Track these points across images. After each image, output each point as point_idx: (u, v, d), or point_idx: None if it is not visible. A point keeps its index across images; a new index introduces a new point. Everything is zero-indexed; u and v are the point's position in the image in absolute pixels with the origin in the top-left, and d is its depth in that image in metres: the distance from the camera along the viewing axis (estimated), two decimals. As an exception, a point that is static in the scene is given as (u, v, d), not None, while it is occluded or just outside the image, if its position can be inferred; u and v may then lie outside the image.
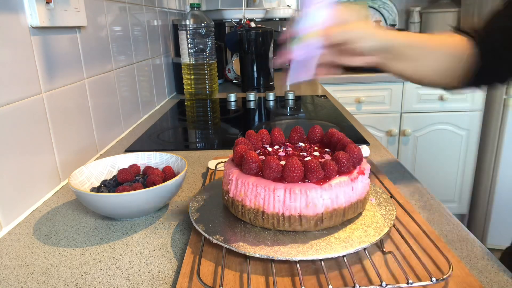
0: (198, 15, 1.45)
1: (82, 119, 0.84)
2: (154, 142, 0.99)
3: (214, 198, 0.59)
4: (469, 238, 0.53)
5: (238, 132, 1.09)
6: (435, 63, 0.68)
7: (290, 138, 0.62)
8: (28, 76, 0.66)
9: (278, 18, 1.96)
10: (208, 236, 0.48)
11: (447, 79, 0.69)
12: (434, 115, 2.08)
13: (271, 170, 0.48)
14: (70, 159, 0.78)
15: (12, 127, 0.61)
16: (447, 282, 0.41)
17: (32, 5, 0.66)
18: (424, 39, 0.67)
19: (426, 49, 0.67)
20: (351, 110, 2.04)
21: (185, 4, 2.01)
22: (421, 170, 2.15)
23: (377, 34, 0.62)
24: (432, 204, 0.63)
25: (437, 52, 0.68)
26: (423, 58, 0.67)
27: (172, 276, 0.47)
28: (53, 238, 0.56)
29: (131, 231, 0.58)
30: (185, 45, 1.46)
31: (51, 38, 0.73)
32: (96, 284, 0.46)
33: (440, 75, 0.69)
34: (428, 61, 0.68)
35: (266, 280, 0.43)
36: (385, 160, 0.83)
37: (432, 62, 0.68)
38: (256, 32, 1.54)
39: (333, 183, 0.48)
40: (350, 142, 0.54)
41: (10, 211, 0.60)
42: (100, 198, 0.55)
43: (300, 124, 1.13)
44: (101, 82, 0.93)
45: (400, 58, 0.65)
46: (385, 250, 0.47)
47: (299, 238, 0.47)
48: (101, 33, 0.95)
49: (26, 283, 0.47)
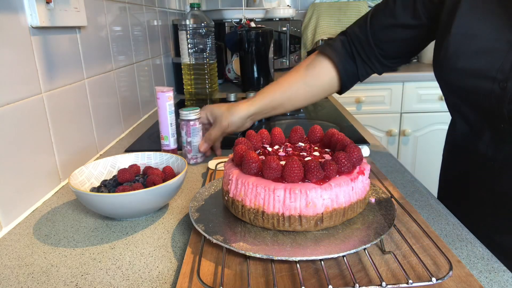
0: (198, 15, 1.44)
1: (82, 119, 0.84)
2: (154, 142, 0.99)
3: (214, 198, 0.59)
4: (469, 238, 0.53)
5: (238, 132, 1.09)
6: (304, 100, 0.85)
7: (290, 138, 0.62)
8: (28, 76, 0.66)
9: (278, 18, 1.96)
10: (208, 236, 0.48)
11: (324, 96, 0.87)
12: (434, 115, 2.08)
13: (271, 170, 0.48)
14: (70, 159, 0.78)
15: (12, 127, 0.61)
16: (447, 282, 0.41)
17: (32, 5, 0.66)
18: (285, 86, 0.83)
19: (290, 97, 0.83)
20: (351, 110, 2.04)
21: (185, 4, 2.01)
22: (421, 170, 2.14)
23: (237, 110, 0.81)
24: (432, 204, 0.63)
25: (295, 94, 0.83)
26: (290, 103, 0.84)
27: (172, 276, 0.47)
28: (53, 238, 0.56)
29: (131, 231, 0.58)
30: (185, 45, 1.46)
31: (51, 38, 0.73)
32: (96, 284, 0.46)
33: (313, 99, 0.87)
34: (296, 102, 0.85)
35: (266, 280, 0.43)
36: (385, 160, 0.83)
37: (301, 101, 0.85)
38: (256, 32, 1.54)
39: (333, 183, 0.48)
40: (350, 142, 0.54)
41: (10, 211, 0.60)
42: (100, 198, 0.55)
43: (300, 124, 1.12)
44: (101, 82, 0.93)
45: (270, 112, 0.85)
46: (385, 250, 0.47)
47: (299, 238, 0.47)
48: (101, 33, 0.95)
49: (26, 283, 0.47)
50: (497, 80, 0.57)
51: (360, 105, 2.08)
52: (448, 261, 0.43)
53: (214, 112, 0.82)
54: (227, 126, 0.81)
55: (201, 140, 0.81)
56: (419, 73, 2.05)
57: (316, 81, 0.83)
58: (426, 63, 2.38)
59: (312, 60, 0.84)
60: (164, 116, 0.79)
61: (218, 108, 0.82)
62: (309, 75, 0.83)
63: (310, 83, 0.83)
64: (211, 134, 0.81)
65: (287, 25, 1.96)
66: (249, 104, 0.81)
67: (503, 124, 0.59)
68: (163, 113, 0.79)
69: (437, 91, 2.05)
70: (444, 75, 0.66)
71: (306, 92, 0.84)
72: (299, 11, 2.47)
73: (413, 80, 2.03)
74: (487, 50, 0.58)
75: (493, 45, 0.58)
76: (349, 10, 2.35)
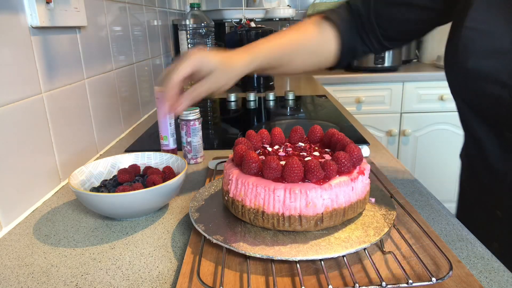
0: (198, 15, 1.44)
1: (82, 119, 0.84)
2: (154, 142, 0.99)
3: (214, 198, 0.59)
4: (469, 238, 0.53)
5: (238, 132, 1.09)
6: (302, 64, 0.75)
7: (290, 138, 0.62)
8: (28, 76, 0.66)
9: (278, 18, 1.96)
10: (208, 236, 0.48)
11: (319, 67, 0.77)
12: (434, 115, 2.08)
13: (271, 170, 0.48)
14: (70, 159, 0.78)
15: (12, 127, 0.61)
16: (447, 282, 0.41)
17: (32, 5, 0.66)
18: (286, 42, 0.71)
19: (291, 55, 0.71)
20: (351, 110, 2.04)
21: (185, 4, 2.01)
22: (421, 170, 2.14)
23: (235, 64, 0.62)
24: (432, 204, 0.63)
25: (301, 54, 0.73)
26: (289, 64, 0.72)
27: (172, 276, 0.47)
28: (53, 238, 0.56)
29: (131, 231, 0.58)
30: (185, 45, 1.46)
31: (51, 38, 0.73)
32: (96, 284, 0.46)
33: (310, 68, 0.76)
34: (295, 67, 0.74)
35: (266, 280, 0.43)
36: (385, 160, 0.83)
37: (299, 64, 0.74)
38: (256, 32, 1.54)
39: (333, 183, 0.48)
40: (350, 142, 0.54)
41: (10, 211, 0.60)
42: (100, 198, 0.55)
43: (300, 124, 1.12)
44: (101, 82, 0.93)
45: (269, 69, 0.70)
46: (385, 250, 0.47)
47: (299, 238, 0.47)
48: (101, 33, 0.95)
49: (26, 283, 0.47)
50: (507, 86, 0.52)
51: (360, 105, 2.07)
52: (448, 261, 0.43)
53: (205, 63, 0.60)
54: (222, 85, 0.62)
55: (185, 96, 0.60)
56: (419, 73, 2.05)
57: (320, 48, 0.74)
58: (426, 63, 2.38)
59: (318, 24, 0.74)
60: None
61: (210, 59, 0.60)
62: (315, 40, 0.73)
63: (315, 51, 0.74)
64: (199, 91, 0.60)
65: (287, 25, 1.96)
66: (250, 58, 0.65)
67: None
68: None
69: (437, 91, 2.05)
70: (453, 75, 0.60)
71: (309, 59, 0.74)
72: (299, 11, 2.47)
73: (413, 80, 2.04)
74: (499, 51, 0.52)
75: (507, 45, 0.52)
76: (349, 10, 2.34)
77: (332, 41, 0.73)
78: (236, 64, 0.62)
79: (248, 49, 0.66)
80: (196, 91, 0.60)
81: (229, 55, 0.63)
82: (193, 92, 0.60)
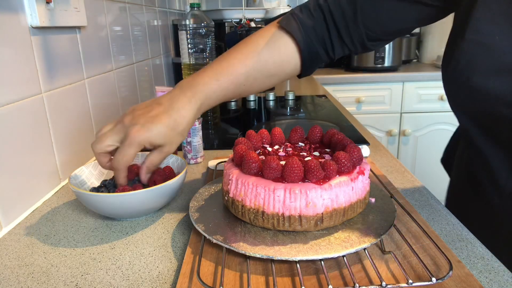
0: (198, 15, 1.45)
1: (82, 119, 0.84)
2: (154, 142, 0.99)
3: (214, 198, 0.59)
4: (469, 238, 0.53)
5: (238, 132, 1.09)
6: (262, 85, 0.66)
7: (290, 138, 0.62)
8: (28, 76, 0.66)
9: (278, 18, 1.95)
10: (208, 236, 0.48)
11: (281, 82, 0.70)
12: (434, 115, 2.08)
13: (271, 170, 0.48)
14: (70, 159, 0.78)
15: (12, 127, 0.61)
16: (447, 282, 0.41)
17: (32, 5, 0.66)
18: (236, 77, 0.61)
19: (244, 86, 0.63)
20: (351, 110, 2.04)
21: (185, 4, 2.01)
22: (421, 170, 2.14)
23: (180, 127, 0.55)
24: (432, 204, 0.63)
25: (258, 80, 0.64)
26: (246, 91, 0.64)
27: (172, 276, 0.47)
28: (53, 238, 0.56)
29: (131, 231, 0.58)
30: (185, 45, 1.46)
31: (51, 38, 0.73)
32: (96, 284, 0.46)
33: (271, 86, 0.69)
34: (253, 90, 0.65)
35: (266, 280, 0.43)
36: (385, 160, 0.83)
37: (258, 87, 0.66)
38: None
39: (333, 183, 0.48)
40: (350, 142, 0.54)
41: (10, 211, 0.60)
42: (100, 198, 0.55)
43: (300, 124, 1.13)
44: (101, 82, 0.93)
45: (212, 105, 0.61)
46: (385, 250, 0.47)
47: (299, 238, 0.47)
48: (101, 33, 0.95)
49: (26, 283, 0.47)
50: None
51: (360, 105, 2.08)
52: (448, 261, 0.43)
53: (154, 141, 0.54)
54: (176, 146, 0.57)
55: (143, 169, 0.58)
56: (419, 73, 2.05)
57: (280, 69, 0.65)
58: (426, 63, 2.38)
59: (274, 41, 0.64)
60: None
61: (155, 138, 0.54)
62: (271, 64, 0.64)
63: (274, 73, 0.65)
64: (155, 163, 0.58)
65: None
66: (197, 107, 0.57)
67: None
68: None
69: (437, 91, 2.05)
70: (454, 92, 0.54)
71: (268, 81, 0.66)
72: (299, 11, 2.46)
73: (413, 80, 2.04)
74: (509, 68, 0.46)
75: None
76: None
77: (293, 57, 0.65)
78: (181, 121, 0.55)
79: (191, 94, 0.57)
80: (152, 163, 0.57)
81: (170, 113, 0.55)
82: (150, 165, 0.58)
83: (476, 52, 0.49)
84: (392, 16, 0.61)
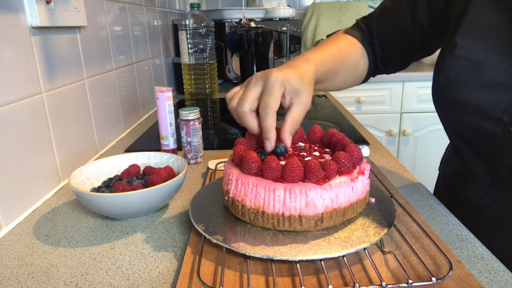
0: (198, 15, 1.44)
1: (82, 119, 0.84)
2: (154, 142, 0.99)
3: (214, 198, 0.59)
4: (469, 238, 0.53)
5: (238, 132, 1.09)
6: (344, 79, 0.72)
7: (290, 138, 0.62)
8: (28, 76, 0.66)
9: (278, 18, 1.96)
10: (208, 236, 0.48)
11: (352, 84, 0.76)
12: (434, 115, 2.08)
13: (271, 170, 0.48)
14: (70, 159, 0.78)
15: (12, 127, 0.61)
16: (447, 282, 0.41)
17: (32, 5, 0.66)
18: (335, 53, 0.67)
19: (336, 68, 0.67)
20: (351, 110, 2.04)
21: (185, 4, 2.01)
22: (421, 170, 2.14)
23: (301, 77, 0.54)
24: (432, 204, 0.63)
25: (344, 69, 0.70)
26: (332, 79, 0.69)
27: (172, 276, 0.47)
28: (53, 238, 0.56)
29: (131, 231, 0.58)
30: (185, 45, 1.46)
31: (51, 38, 0.73)
32: (96, 284, 0.46)
33: (346, 86, 0.75)
34: (336, 81, 0.71)
35: (266, 280, 0.43)
36: (385, 160, 0.83)
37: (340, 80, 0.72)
38: (256, 32, 1.54)
39: (333, 183, 0.48)
40: (350, 142, 0.54)
41: (10, 211, 0.60)
42: (100, 198, 0.55)
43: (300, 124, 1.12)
44: (101, 82, 0.93)
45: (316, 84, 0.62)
46: (385, 250, 0.47)
47: (299, 238, 0.47)
48: (101, 33, 0.95)
49: (26, 283, 0.47)
50: (502, 122, 0.48)
51: (360, 105, 2.07)
52: (448, 261, 0.43)
53: (292, 82, 0.52)
54: (310, 101, 0.55)
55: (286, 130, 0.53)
56: (419, 73, 2.05)
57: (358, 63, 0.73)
58: (426, 63, 2.38)
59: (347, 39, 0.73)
60: (163, 116, 0.79)
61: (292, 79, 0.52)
62: (352, 54, 0.71)
63: (354, 66, 0.72)
64: (298, 120, 0.54)
65: (287, 25, 1.95)
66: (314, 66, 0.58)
67: (505, 172, 0.51)
68: (162, 113, 0.79)
69: (437, 91, 2.05)
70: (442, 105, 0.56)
71: (349, 74, 0.73)
72: (299, 11, 2.47)
73: (413, 80, 2.03)
74: (493, 84, 0.48)
75: (501, 78, 0.48)
76: (349, 10, 2.35)
77: (363, 56, 0.73)
78: (308, 73, 0.55)
79: (304, 60, 0.58)
80: (295, 118, 0.53)
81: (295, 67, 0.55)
82: (293, 122, 0.53)
83: (463, 68, 0.51)
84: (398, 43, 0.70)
